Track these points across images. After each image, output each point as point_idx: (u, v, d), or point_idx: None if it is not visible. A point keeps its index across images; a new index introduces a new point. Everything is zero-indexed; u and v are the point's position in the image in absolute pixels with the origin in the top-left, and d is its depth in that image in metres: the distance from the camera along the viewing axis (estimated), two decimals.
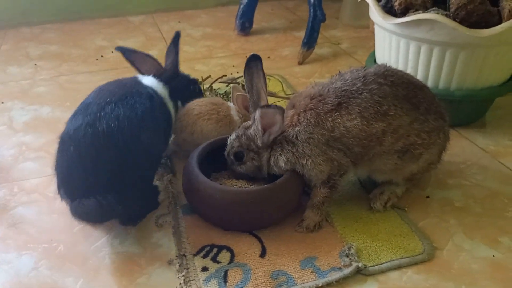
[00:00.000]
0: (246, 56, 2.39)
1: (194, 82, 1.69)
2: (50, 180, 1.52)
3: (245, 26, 2.83)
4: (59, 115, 1.93)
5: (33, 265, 1.21)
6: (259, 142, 1.28)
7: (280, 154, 1.27)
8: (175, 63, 1.57)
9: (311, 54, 2.44)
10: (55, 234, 1.31)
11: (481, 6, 1.47)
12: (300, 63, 2.40)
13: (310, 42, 2.42)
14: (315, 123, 1.23)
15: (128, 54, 1.54)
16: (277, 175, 1.30)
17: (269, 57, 2.48)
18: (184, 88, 1.61)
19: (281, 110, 1.23)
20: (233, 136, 1.34)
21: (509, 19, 1.46)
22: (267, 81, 1.78)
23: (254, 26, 2.88)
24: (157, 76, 1.50)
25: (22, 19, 3.02)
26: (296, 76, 2.26)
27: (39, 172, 1.58)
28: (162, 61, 1.59)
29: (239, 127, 1.36)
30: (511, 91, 1.69)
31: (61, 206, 1.39)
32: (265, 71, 1.40)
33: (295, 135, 1.25)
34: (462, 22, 1.49)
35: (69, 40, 2.79)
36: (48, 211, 1.40)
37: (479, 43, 1.49)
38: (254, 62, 1.36)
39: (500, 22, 1.48)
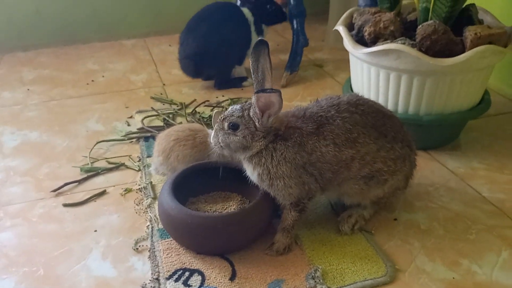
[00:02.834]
0: None
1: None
2: (34, 204, 1.59)
3: None
4: (46, 140, 2.00)
5: None
6: (257, 124, 1.27)
7: (263, 164, 1.28)
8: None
9: (294, 77, 2.52)
10: (35, 258, 1.36)
11: (444, 36, 1.54)
12: (284, 86, 2.47)
13: (293, 66, 2.50)
14: (299, 143, 1.27)
15: None
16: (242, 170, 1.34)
17: None
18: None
19: (277, 92, 1.20)
20: (237, 106, 1.31)
21: (472, 48, 1.53)
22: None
23: None
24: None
25: (17, 42, 3.11)
26: None
27: (23, 197, 1.63)
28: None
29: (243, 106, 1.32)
30: (480, 115, 1.76)
31: (42, 230, 1.46)
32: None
33: (284, 153, 1.26)
34: (427, 51, 1.57)
35: (62, 64, 2.88)
36: (29, 235, 1.45)
37: (443, 71, 1.56)
38: (261, 45, 1.29)
39: (463, 51, 1.55)
